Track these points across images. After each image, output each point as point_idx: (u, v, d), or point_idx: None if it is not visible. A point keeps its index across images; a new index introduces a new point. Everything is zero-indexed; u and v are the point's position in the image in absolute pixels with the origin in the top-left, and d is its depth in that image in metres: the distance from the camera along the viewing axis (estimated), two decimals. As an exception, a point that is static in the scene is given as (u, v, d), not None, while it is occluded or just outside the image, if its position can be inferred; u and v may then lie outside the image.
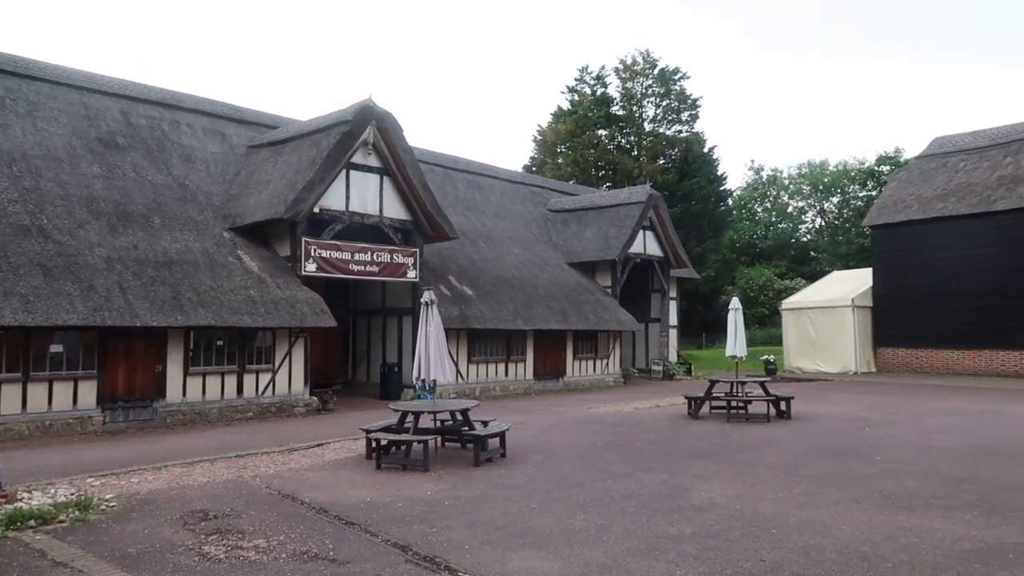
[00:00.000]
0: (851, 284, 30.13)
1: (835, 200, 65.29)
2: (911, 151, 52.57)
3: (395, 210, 18.27)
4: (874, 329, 28.62)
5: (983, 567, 5.73)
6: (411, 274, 18.41)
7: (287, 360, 15.98)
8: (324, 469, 9.80)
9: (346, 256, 17.16)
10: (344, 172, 17.15)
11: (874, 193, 53.16)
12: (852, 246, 54.10)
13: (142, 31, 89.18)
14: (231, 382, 15.15)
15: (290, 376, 16.04)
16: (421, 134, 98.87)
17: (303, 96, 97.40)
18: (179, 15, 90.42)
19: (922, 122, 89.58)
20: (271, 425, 14.31)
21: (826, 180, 64.84)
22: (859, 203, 59.98)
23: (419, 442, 9.91)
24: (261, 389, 15.57)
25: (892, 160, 58.38)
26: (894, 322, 27.99)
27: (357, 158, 17.42)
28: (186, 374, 14.54)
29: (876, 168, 60.49)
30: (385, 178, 18.03)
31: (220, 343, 15.07)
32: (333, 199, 17.01)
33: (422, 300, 11.03)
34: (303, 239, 16.41)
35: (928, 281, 27.03)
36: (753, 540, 6.48)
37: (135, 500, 7.98)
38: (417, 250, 18.58)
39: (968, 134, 30.29)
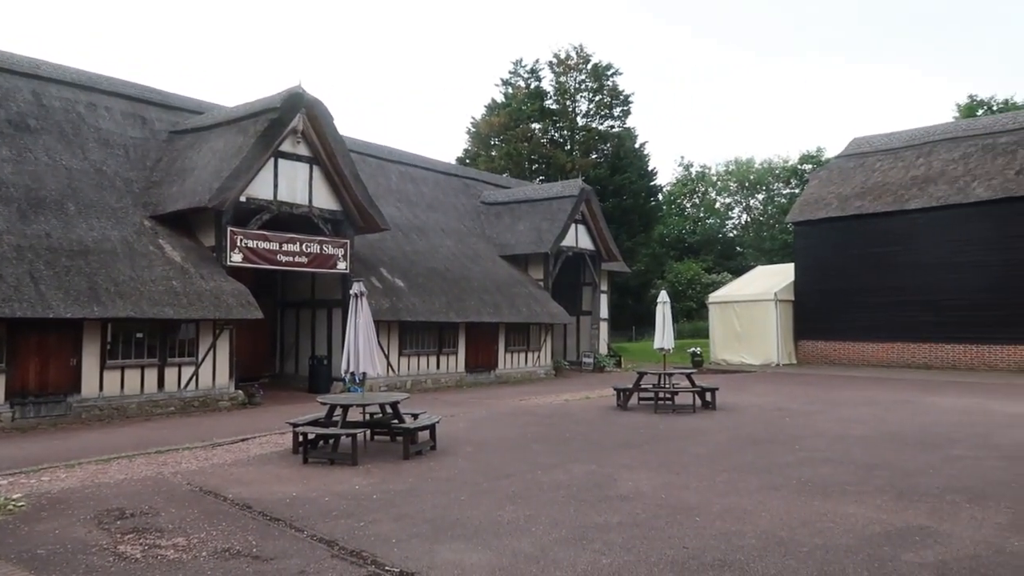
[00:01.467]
0: (774, 279, 31.11)
1: (760, 197, 67.34)
2: (832, 150, 54.56)
3: (325, 200, 17.94)
4: (795, 322, 29.65)
5: (891, 549, 5.99)
6: (341, 265, 18.13)
7: (211, 353, 15.53)
8: (249, 464, 9.58)
9: (274, 247, 16.77)
10: (272, 160, 16.74)
11: (797, 191, 54.95)
12: (776, 242, 55.90)
13: (58, 10, 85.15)
14: (151, 376, 14.63)
15: (214, 369, 15.59)
16: (353, 124, 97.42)
17: (230, 84, 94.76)
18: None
19: (843, 122, 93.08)
20: (194, 420, 13.89)
21: (752, 178, 66.78)
22: (783, 200, 62.02)
23: (347, 436, 9.78)
24: (184, 383, 15.09)
25: (814, 159, 60.50)
26: (814, 315, 29.05)
27: (286, 146, 17.02)
28: (103, 368, 13.96)
29: (799, 166, 62.62)
30: (315, 167, 17.68)
31: (140, 335, 14.52)
32: (260, 188, 16.59)
33: (351, 292, 10.87)
34: (229, 229, 15.95)
35: (846, 276, 28.16)
36: (677, 528, 6.62)
37: (46, 499, 7.63)
38: (348, 241, 18.30)
39: (884, 135, 31.62)
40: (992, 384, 20.74)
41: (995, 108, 52.87)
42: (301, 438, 9.99)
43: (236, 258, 16.05)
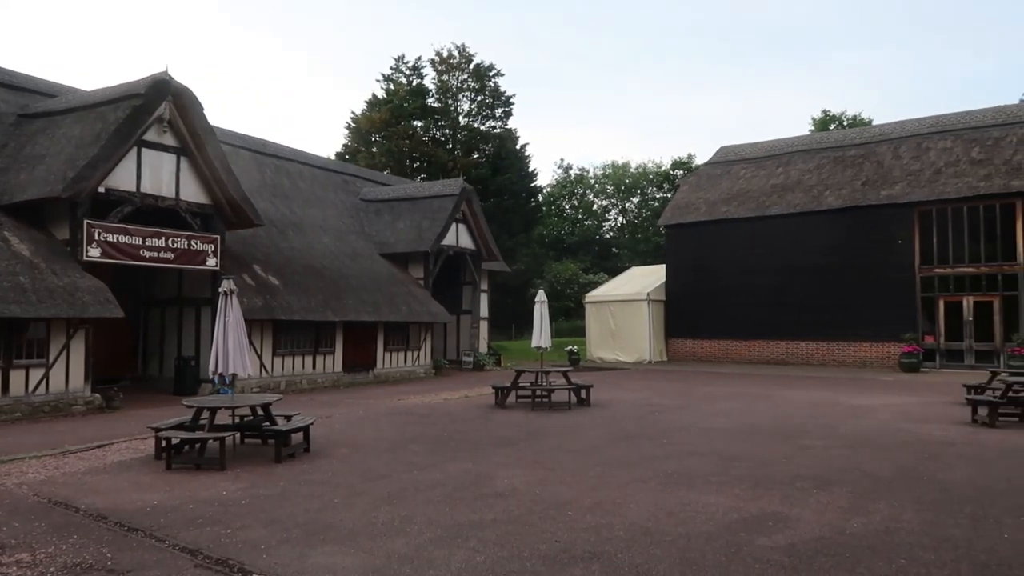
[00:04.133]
0: (647, 279, 32.36)
1: (635, 200, 69.70)
2: (702, 157, 57.26)
3: (194, 193, 17.12)
4: (666, 321, 30.95)
5: (747, 534, 6.38)
6: (211, 262, 17.36)
7: (64, 354, 14.48)
8: (105, 472, 9.00)
9: (137, 241, 15.84)
10: (135, 150, 15.81)
11: (669, 195, 57.32)
12: (650, 244, 58.08)
13: None
14: (-5, 379, 13.48)
15: (68, 372, 14.54)
16: (226, 117, 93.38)
17: (89, 69, 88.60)
18: (-66, -40, 78.89)
19: (714, 130, 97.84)
20: (44, 426, 12.91)
21: (627, 181, 69.04)
22: (656, 204, 64.49)
23: (215, 439, 9.38)
24: (32, 386, 13.98)
25: (685, 165, 63.33)
26: (683, 315, 30.44)
27: (151, 135, 16.12)
28: (-63, 371, 12.75)
29: (671, 172, 65.33)
30: (183, 158, 16.84)
31: (-19, 336, 13.37)
32: (122, 179, 15.62)
33: (220, 289, 10.42)
34: (85, 222, 14.92)
35: (712, 277, 29.68)
36: (551, 523, 6.77)
37: None
38: (218, 237, 17.54)
39: (748, 145, 33.52)
40: (840, 379, 22.42)
41: (845, 123, 57.18)
42: (164, 443, 9.49)
43: (94, 253, 15.04)
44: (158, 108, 15.93)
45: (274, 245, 21.24)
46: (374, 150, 46.01)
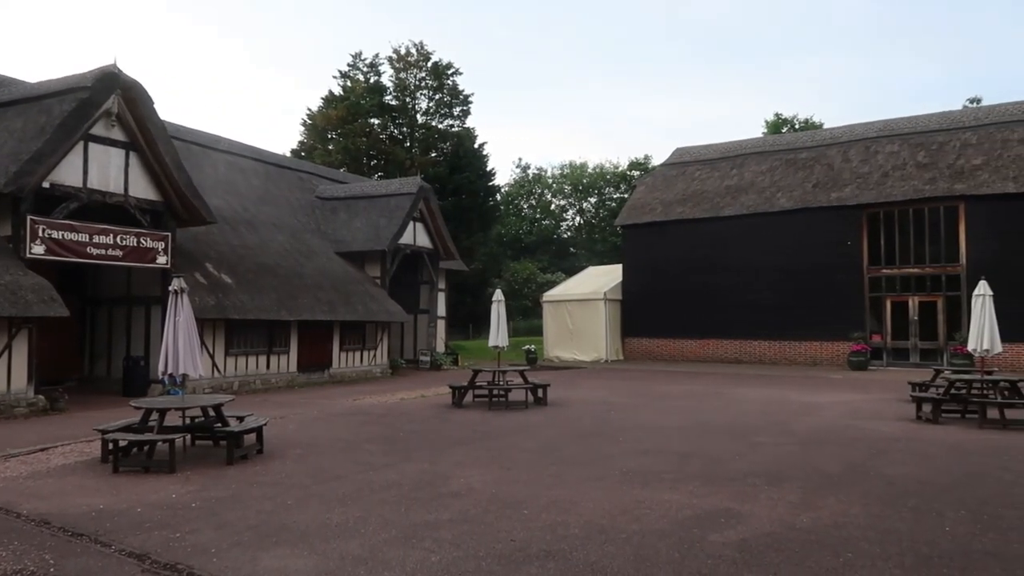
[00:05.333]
0: (604, 279, 32.59)
1: (593, 200, 70.19)
2: (658, 158, 57.88)
3: (144, 189, 16.71)
4: (623, 320, 31.23)
5: (700, 531, 6.46)
6: (161, 260, 16.97)
7: (6, 354, 13.99)
8: (49, 476, 8.74)
9: (83, 238, 15.40)
10: (82, 144, 15.36)
11: (626, 195, 57.86)
12: (607, 244, 58.53)
13: None
14: (-69, 381, 12.99)
15: (9, 373, 14.06)
16: (178, 112, 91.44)
17: (40, 67, 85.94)
18: None
19: (669, 131, 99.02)
20: (-16, 429, 12.48)
21: (585, 181, 69.49)
22: (613, 204, 65.05)
23: (164, 441, 9.17)
24: (-29, 388, 13.51)
25: (642, 166, 63.98)
26: (639, 314, 30.74)
27: (98, 130, 15.69)
28: None
29: (628, 172, 65.94)
30: (132, 154, 16.43)
31: (-83, 335, 12.87)
32: (67, 174, 15.17)
33: (171, 288, 10.20)
34: (29, 218, 14.45)
35: (667, 277, 30.04)
36: (506, 522, 6.77)
37: None
38: (169, 234, 17.16)
39: (703, 147, 34.00)
40: (791, 377, 22.88)
41: (797, 127, 58.35)
42: (111, 445, 9.25)
43: (38, 250, 14.59)
44: (106, 102, 15.51)
45: (227, 243, 20.85)
46: (330, 148, 45.48)
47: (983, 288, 13.35)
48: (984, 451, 10.21)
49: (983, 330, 13.03)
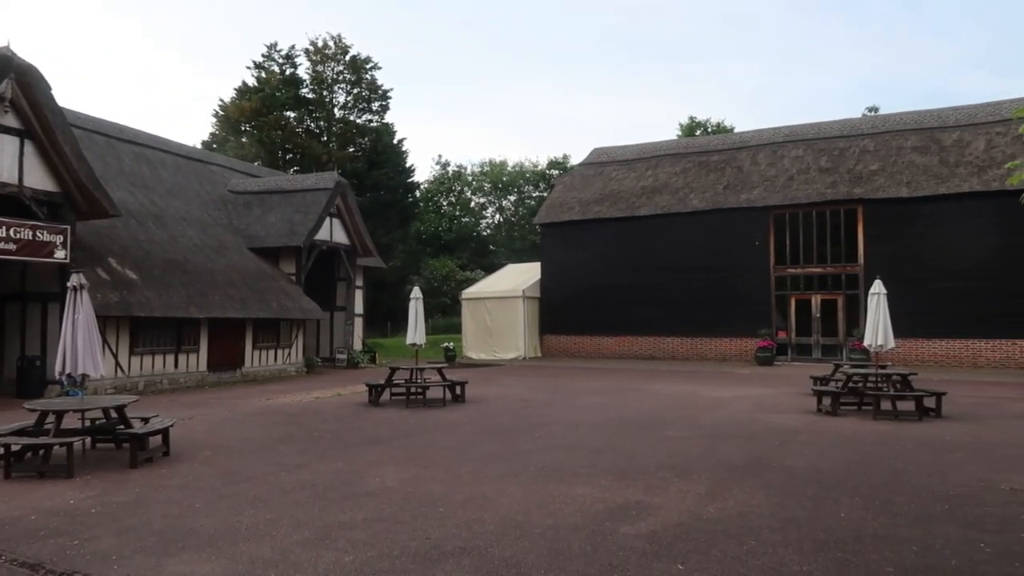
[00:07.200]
0: (523, 276, 32.83)
1: (512, 198, 70.54)
2: (577, 157, 58.68)
3: (40, 180, 15.86)
4: (541, 318, 31.54)
5: (612, 523, 6.61)
6: (60, 254, 16.13)
7: None
8: (-68, 484, 8.20)
9: (-28, 231, 14.50)
10: (-30, 131, 14.47)
11: (545, 194, 58.39)
12: (526, 242, 58.94)
13: None
14: None
15: None
16: (81, 100, 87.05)
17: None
18: None
19: (588, 131, 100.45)
20: None
21: (505, 179, 69.76)
22: (532, 202, 65.54)
23: (61, 445, 8.73)
24: None
25: (560, 165, 64.68)
26: (557, 311, 31.12)
27: (-11, 116, 14.80)
28: None
29: (547, 171, 66.57)
30: (28, 142, 15.56)
31: None
32: (-46, 162, 14.26)
33: (69, 284, 9.72)
34: (-90, 208, 13.52)
35: (584, 275, 30.51)
36: (422, 520, 6.76)
37: None
38: (68, 227, 16.33)
39: (620, 147, 34.66)
40: (702, 372, 23.62)
41: (710, 130, 60.20)
42: (3, 450, 8.75)
43: (-80, 243, 13.65)
44: (-2, 86, 14.65)
45: (132, 237, 20.00)
46: (244, 140, 44.20)
47: (878, 287, 14.11)
48: (877, 441, 10.81)
49: (878, 326, 13.78)
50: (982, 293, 23.88)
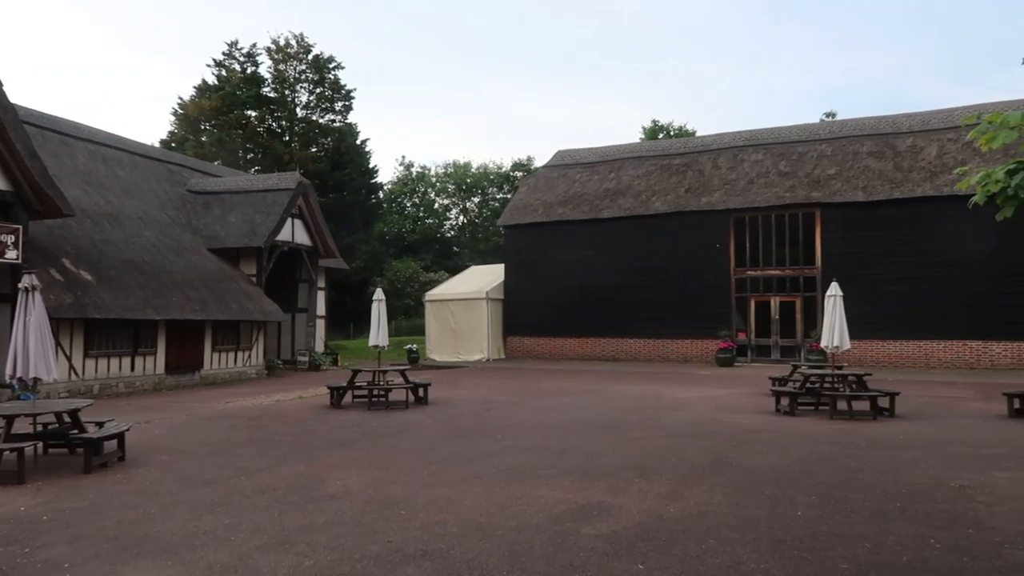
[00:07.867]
0: (487, 278, 32.82)
1: (476, 200, 70.47)
2: (541, 159, 58.85)
3: (-10, 178, 15.44)
4: (504, 319, 31.57)
5: (573, 524, 6.65)
6: (11, 254, 15.72)
7: None
8: None
9: (-83, 230, 14.05)
10: (-84, 127, 14.03)
11: (509, 196, 58.44)
12: (490, 243, 58.92)
13: None
14: None
15: None
16: (33, 97, 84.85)
17: None
18: None
19: (552, 133, 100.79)
20: None
21: (469, 181, 69.65)
22: (496, 204, 65.55)
23: (11, 450, 8.51)
24: None
25: (525, 167, 64.81)
26: (521, 313, 31.19)
27: (-64, 111, 14.36)
28: None
29: (511, 173, 66.66)
30: (-24, 139, 15.14)
31: None
32: (-101, 159, 13.82)
33: (21, 285, 9.48)
34: None
35: (548, 277, 30.62)
36: (384, 523, 6.72)
37: None
38: (20, 227, 15.92)
39: (584, 150, 34.85)
40: (664, 373, 23.86)
41: (672, 133, 60.85)
42: (-51, 456, 8.50)
43: None
44: (-54, 81, 14.22)
45: (87, 237, 19.56)
46: (204, 139, 43.53)
47: (835, 289, 14.41)
48: (834, 440, 11.03)
49: (835, 328, 14.07)
50: (933, 295, 24.52)
